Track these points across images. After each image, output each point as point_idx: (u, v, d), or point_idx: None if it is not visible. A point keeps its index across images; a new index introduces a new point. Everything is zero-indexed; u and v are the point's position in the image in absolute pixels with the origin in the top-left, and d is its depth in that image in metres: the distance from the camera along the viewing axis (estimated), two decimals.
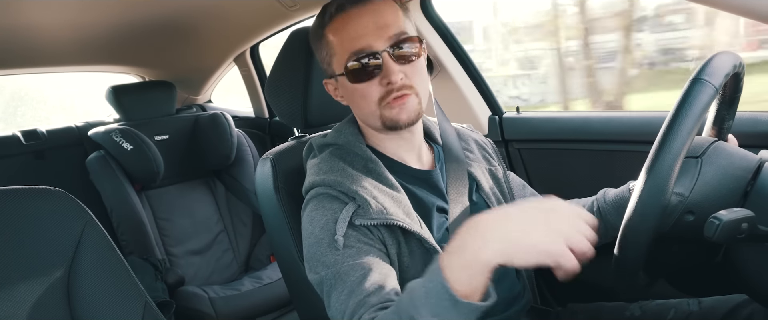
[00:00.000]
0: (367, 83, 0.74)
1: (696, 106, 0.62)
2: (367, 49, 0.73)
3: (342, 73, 0.76)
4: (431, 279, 0.54)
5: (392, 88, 0.74)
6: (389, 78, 0.73)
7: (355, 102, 0.79)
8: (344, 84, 0.78)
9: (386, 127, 0.78)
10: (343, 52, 0.75)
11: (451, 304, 0.52)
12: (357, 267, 0.68)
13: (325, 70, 0.82)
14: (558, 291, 1.29)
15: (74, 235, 0.79)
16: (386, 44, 0.73)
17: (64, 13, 1.34)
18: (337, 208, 0.74)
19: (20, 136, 1.98)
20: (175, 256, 1.92)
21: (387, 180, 0.78)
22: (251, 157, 2.08)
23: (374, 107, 0.76)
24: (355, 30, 0.73)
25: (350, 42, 0.74)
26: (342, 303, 0.67)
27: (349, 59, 0.74)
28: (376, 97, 0.75)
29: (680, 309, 0.88)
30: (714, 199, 0.67)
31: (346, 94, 0.80)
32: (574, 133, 1.30)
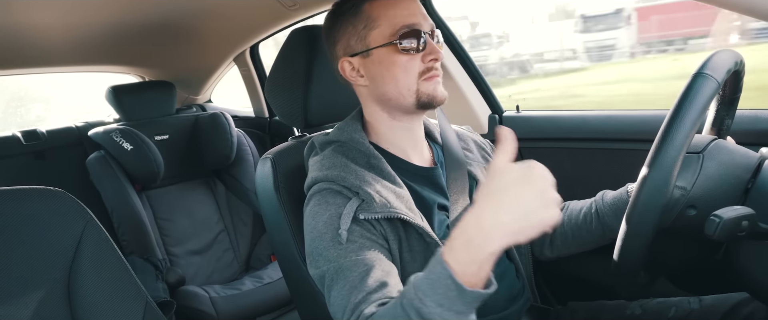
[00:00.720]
0: (411, 56, 0.78)
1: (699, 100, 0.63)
2: (417, 25, 0.78)
3: (385, 44, 0.78)
4: (435, 271, 0.56)
5: (433, 65, 0.79)
6: (435, 55, 0.79)
7: (393, 74, 0.79)
8: (381, 58, 0.79)
9: (420, 102, 0.80)
10: (393, 25, 0.78)
11: (458, 293, 0.54)
12: (359, 262, 0.69)
13: (351, 47, 0.81)
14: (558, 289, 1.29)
15: (75, 235, 0.79)
16: (428, 28, 0.80)
17: (64, 13, 1.34)
18: (340, 203, 0.74)
19: (20, 137, 1.98)
20: (176, 256, 1.92)
21: (389, 175, 0.79)
22: (251, 156, 2.08)
23: (414, 80, 0.79)
24: (407, 9, 0.79)
25: (402, 17, 0.78)
26: (343, 298, 0.67)
27: (400, 30, 0.77)
28: (418, 71, 0.79)
29: (681, 308, 0.88)
30: (716, 194, 0.67)
31: (377, 70, 0.80)
32: (574, 132, 1.30)
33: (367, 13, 0.79)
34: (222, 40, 1.90)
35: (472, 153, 0.94)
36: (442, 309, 0.54)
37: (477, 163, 0.92)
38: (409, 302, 0.57)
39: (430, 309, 0.55)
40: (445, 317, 0.55)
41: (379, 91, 0.82)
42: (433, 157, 0.90)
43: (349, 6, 0.81)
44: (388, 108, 0.83)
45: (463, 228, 0.54)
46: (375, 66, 0.80)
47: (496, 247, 0.53)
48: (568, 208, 0.98)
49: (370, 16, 0.79)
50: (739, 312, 0.82)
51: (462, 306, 0.54)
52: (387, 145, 0.85)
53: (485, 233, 0.53)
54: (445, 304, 0.54)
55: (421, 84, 0.79)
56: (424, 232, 0.75)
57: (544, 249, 0.99)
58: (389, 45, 0.78)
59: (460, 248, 0.54)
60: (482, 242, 0.53)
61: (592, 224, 0.91)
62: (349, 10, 0.80)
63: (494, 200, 0.53)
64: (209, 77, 2.26)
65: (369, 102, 0.85)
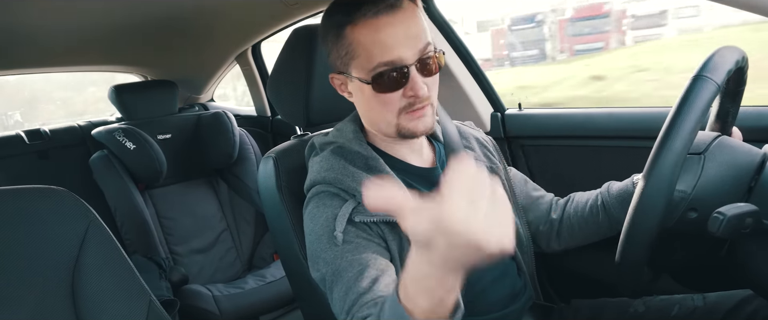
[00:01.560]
0: (391, 93, 0.73)
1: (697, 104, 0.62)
2: (398, 61, 0.71)
3: (365, 80, 0.73)
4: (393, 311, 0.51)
5: (415, 100, 0.74)
6: (416, 91, 0.72)
7: (373, 108, 0.77)
8: (362, 88, 0.75)
9: (400, 135, 0.78)
10: (371, 58, 0.71)
11: None
12: (355, 262, 0.69)
13: (336, 66, 0.78)
14: (561, 287, 1.29)
15: (78, 234, 0.79)
16: (415, 57, 0.72)
17: (66, 14, 1.34)
18: (337, 205, 0.74)
19: (24, 136, 1.99)
20: (179, 255, 1.93)
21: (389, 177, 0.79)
22: (254, 155, 2.08)
23: (393, 117, 0.75)
24: (387, 38, 0.70)
25: (381, 51, 0.71)
26: (340, 299, 0.67)
27: (378, 68, 0.71)
28: (398, 107, 0.74)
29: (685, 305, 0.88)
30: (717, 196, 0.67)
31: (360, 97, 0.78)
32: (576, 130, 1.30)
33: (349, 39, 0.73)
34: (224, 39, 1.90)
35: (473, 150, 0.94)
36: None
37: (479, 161, 0.92)
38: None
39: None
40: None
41: (363, 114, 0.81)
42: (435, 156, 0.90)
43: (333, 23, 0.75)
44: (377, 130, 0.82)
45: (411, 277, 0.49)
46: (356, 92, 0.78)
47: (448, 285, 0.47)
48: (573, 200, 0.98)
49: (351, 42, 0.73)
50: (743, 309, 0.81)
51: None
52: (384, 147, 0.85)
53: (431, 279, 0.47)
54: None
55: (402, 118, 0.75)
56: None
57: (550, 242, 0.99)
58: (364, 81, 0.73)
59: (414, 295, 0.49)
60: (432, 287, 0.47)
61: (599, 216, 0.91)
62: (333, 30, 0.75)
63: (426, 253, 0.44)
64: (211, 76, 2.26)
65: (365, 119, 0.84)
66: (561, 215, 0.97)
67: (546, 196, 1.01)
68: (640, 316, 0.91)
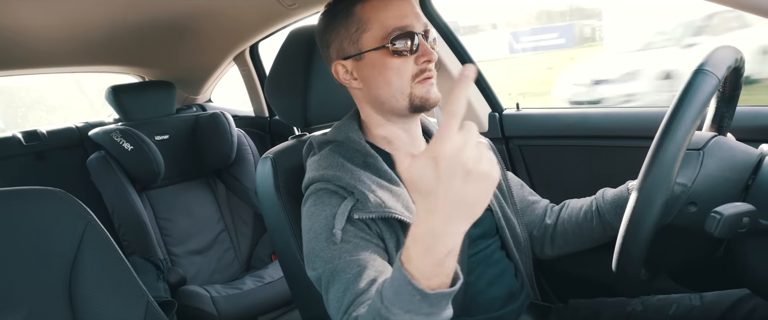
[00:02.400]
0: (404, 59, 0.77)
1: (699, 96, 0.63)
2: (409, 27, 0.77)
3: (377, 48, 0.77)
4: (396, 277, 0.55)
5: (426, 67, 0.78)
6: (428, 56, 0.77)
7: (385, 78, 0.78)
8: (374, 61, 0.78)
9: (413, 105, 0.79)
10: (384, 27, 0.76)
11: (421, 298, 0.53)
12: (353, 263, 0.68)
13: (344, 49, 0.80)
14: (559, 287, 1.29)
15: (76, 236, 0.79)
16: (421, 29, 0.78)
17: (62, 13, 1.34)
18: (335, 203, 0.74)
19: (20, 137, 1.98)
20: (177, 256, 1.93)
21: (386, 174, 0.79)
22: (252, 156, 2.07)
23: (407, 83, 0.78)
24: (399, 10, 0.77)
25: (394, 19, 0.76)
26: (337, 299, 0.67)
27: (393, 33, 0.76)
28: (411, 73, 0.78)
29: (682, 304, 0.88)
30: (716, 191, 0.67)
31: (370, 73, 0.79)
32: (574, 129, 1.30)
33: (359, 16, 0.78)
34: (221, 40, 1.90)
35: None
36: (409, 314, 0.54)
37: None
38: (376, 310, 0.57)
39: (397, 316, 0.54)
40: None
41: (373, 94, 0.81)
42: None
43: (340, 8, 0.79)
44: (382, 110, 0.83)
45: (417, 237, 0.52)
46: (368, 69, 0.79)
47: (450, 245, 0.51)
48: (567, 207, 0.98)
49: (362, 18, 0.77)
50: (741, 308, 0.82)
51: (429, 308, 0.54)
52: (383, 144, 0.85)
53: (434, 235, 0.50)
54: (411, 310, 0.54)
55: (415, 87, 0.78)
56: None
57: (544, 247, 0.99)
58: (381, 48, 0.76)
59: (416, 256, 0.52)
60: (434, 244, 0.51)
61: (593, 222, 0.91)
62: (341, 12, 0.79)
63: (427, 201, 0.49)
64: (209, 77, 2.26)
65: (363, 104, 0.85)
66: (555, 221, 0.98)
67: (541, 202, 1.01)
68: (637, 316, 0.91)
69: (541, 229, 0.99)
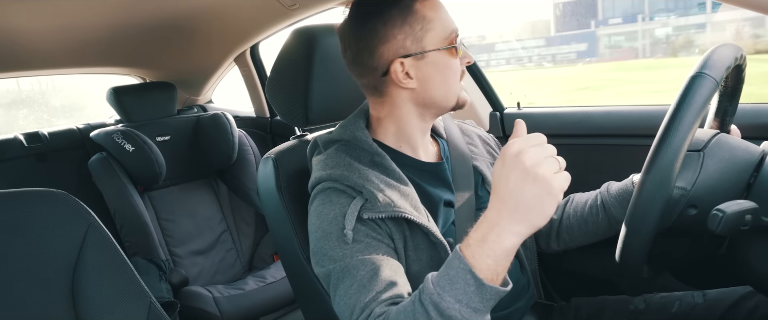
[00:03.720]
0: (457, 60, 0.80)
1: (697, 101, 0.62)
2: (458, 31, 0.80)
3: (446, 47, 0.78)
4: (453, 267, 0.58)
5: (465, 67, 0.82)
6: (469, 58, 0.81)
7: (445, 77, 0.79)
8: (437, 60, 0.78)
9: (457, 105, 0.82)
10: (445, 27, 0.78)
11: (477, 288, 0.56)
12: (367, 262, 0.68)
13: (406, 48, 0.76)
14: (561, 285, 1.29)
15: (78, 237, 0.79)
16: None
17: (63, 15, 1.34)
18: (344, 202, 0.73)
19: (22, 139, 1.98)
20: (179, 256, 1.93)
21: (394, 173, 0.78)
22: (253, 156, 2.08)
23: (457, 84, 0.81)
24: (447, 13, 0.80)
25: (450, 21, 0.79)
26: (350, 296, 0.67)
27: (452, 34, 0.78)
28: (459, 74, 0.81)
29: (685, 302, 0.88)
30: (717, 192, 0.67)
31: (429, 72, 0.77)
32: (576, 128, 1.30)
33: (421, 14, 0.76)
34: (222, 41, 1.90)
35: (476, 147, 0.94)
36: (460, 305, 0.56)
37: (482, 158, 0.92)
38: (427, 297, 0.58)
39: (448, 304, 0.56)
40: (463, 313, 0.56)
41: (428, 94, 0.79)
42: (439, 152, 0.90)
43: (399, 5, 0.76)
44: (426, 109, 0.81)
45: (479, 226, 0.58)
46: (429, 68, 0.77)
47: (510, 243, 0.56)
48: (572, 201, 0.98)
49: (425, 16, 0.76)
50: (743, 305, 0.82)
51: (479, 304, 0.56)
52: (394, 142, 0.84)
53: (498, 230, 0.56)
54: (463, 300, 0.56)
55: (459, 87, 0.81)
56: (429, 231, 0.74)
57: (550, 242, 0.99)
58: (447, 49, 0.78)
59: (476, 244, 0.57)
60: (497, 238, 0.56)
61: (598, 216, 0.91)
62: (400, 10, 0.76)
63: (494, 192, 0.57)
64: (210, 77, 2.26)
65: (406, 103, 0.80)
66: (560, 215, 0.97)
67: None
68: (640, 313, 0.91)
69: (546, 224, 0.98)
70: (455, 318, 0.56)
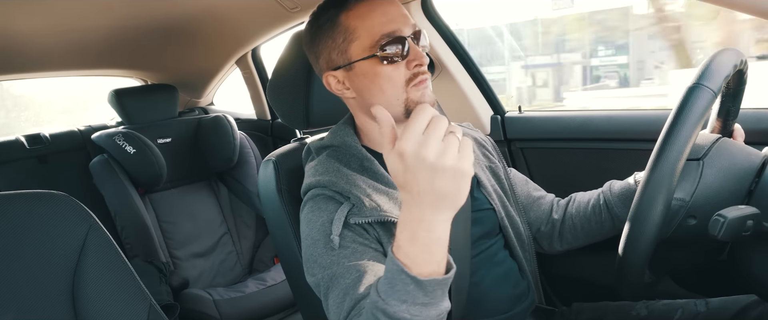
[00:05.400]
0: (395, 65, 0.75)
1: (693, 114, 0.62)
2: (397, 32, 0.74)
3: (366, 57, 0.75)
4: (390, 270, 0.56)
5: (418, 70, 0.76)
6: (419, 60, 0.75)
7: (379, 86, 0.76)
8: (365, 70, 0.75)
9: (408, 110, 0.77)
10: (372, 35, 0.74)
11: (416, 286, 0.54)
12: (352, 269, 0.68)
13: (333, 61, 0.78)
14: (562, 290, 1.28)
15: (78, 239, 0.79)
16: (410, 31, 0.76)
17: (66, 18, 1.35)
18: (332, 209, 0.74)
19: (23, 141, 1.98)
20: (179, 259, 1.93)
21: (383, 177, 0.78)
22: (254, 159, 2.08)
23: (401, 90, 0.76)
24: (385, 16, 0.75)
25: (381, 26, 0.74)
26: (337, 305, 0.67)
27: (381, 39, 0.74)
28: (403, 79, 0.76)
29: (687, 310, 0.87)
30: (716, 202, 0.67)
31: (362, 82, 0.77)
32: (576, 132, 1.30)
33: (345, 25, 0.75)
34: (224, 43, 1.90)
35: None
36: (406, 304, 0.55)
37: (477, 161, 0.92)
38: (374, 304, 0.57)
39: (394, 307, 0.55)
40: (412, 312, 0.55)
41: (367, 103, 0.78)
42: None
43: (325, 18, 0.77)
44: None
45: (404, 226, 0.55)
46: (359, 78, 0.77)
47: (442, 230, 0.54)
48: (574, 201, 0.98)
49: (348, 27, 0.75)
50: (747, 315, 0.81)
51: (425, 298, 0.55)
52: (380, 147, 0.84)
53: (426, 224, 0.53)
54: (407, 300, 0.55)
55: (410, 91, 0.76)
56: None
57: (553, 242, 0.99)
58: (371, 57, 0.74)
59: (407, 244, 0.55)
60: (426, 233, 0.54)
61: (601, 215, 0.91)
62: (326, 23, 0.77)
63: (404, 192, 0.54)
64: (211, 80, 2.26)
65: (358, 112, 0.83)
66: (563, 215, 0.97)
67: (547, 197, 1.01)
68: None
69: (548, 224, 0.98)
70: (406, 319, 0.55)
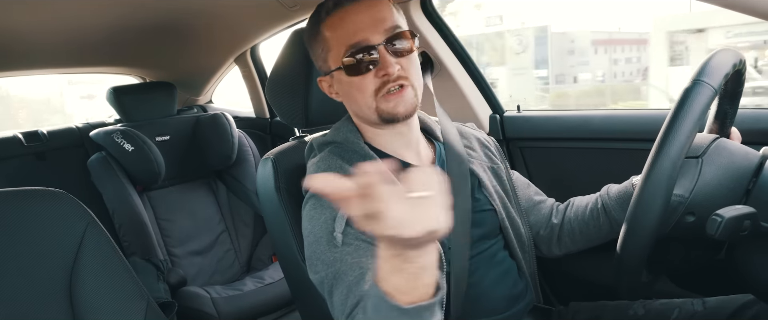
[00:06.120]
0: (363, 76, 0.76)
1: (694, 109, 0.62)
2: (363, 42, 0.75)
3: (338, 68, 0.77)
4: (374, 295, 0.53)
5: (388, 79, 0.75)
6: (386, 70, 0.74)
7: (352, 96, 0.79)
8: (340, 78, 0.79)
9: (383, 120, 0.79)
10: (340, 46, 0.76)
11: (399, 313, 0.51)
12: (355, 265, 0.68)
13: (321, 68, 0.83)
14: (560, 289, 1.29)
15: (76, 236, 0.79)
16: (382, 38, 0.75)
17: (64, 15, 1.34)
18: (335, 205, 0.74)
19: (21, 138, 1.98)
20: (177, 257, 1.92)
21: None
22: (252, 157, 2.08)
23: (370, 100, 0.77)
24: (353, 25, 0.75)
25: (347, 36, 0.75)
26: (342, 302, 0.67)
27: (346, 52, 0.75)
28: (372, 89, 0.76)
29: (684, 309, 0.88)
30: (715, 199, 0.67)
31: (341, 89, 0.81)
32: (575, 132, 1.30)
33: (323, 35, 0.79)
34: (223, 41, 1.90)
35: (474, 150, 0.94)
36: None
37: (479, 161, 0.92)
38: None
39: None
40: None
41: (352, 108, 0.84)
42: (435, 155, 0.90)
43: (311, 28, 0.81)
44: (365, 122, 0.84)
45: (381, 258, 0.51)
46: (339, 85, 0.81)
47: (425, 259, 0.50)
48: (573, 205, 0.98)
49: (325, 38, 0.79)
50: (744, 314, 0.81)
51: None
52: (380, 145, 0.85)
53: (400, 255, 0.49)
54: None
55: (379, 101, 0.76)
56: None
57: (551, 247, 0.99)
58: (338, 69, 0.77)
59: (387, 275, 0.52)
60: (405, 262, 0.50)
61: (600, 219, 0.91)
62: (312, 33, 0.81)
63: None
64: (210, 78, 2.26)
65: (351, 114, 0.87)
66: (561, 219, 0.97)
67: (547, 201, 1.01)
68: (639, 319, 0.91)
69: (547, 228, 0.98)
70: None
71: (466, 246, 0.81)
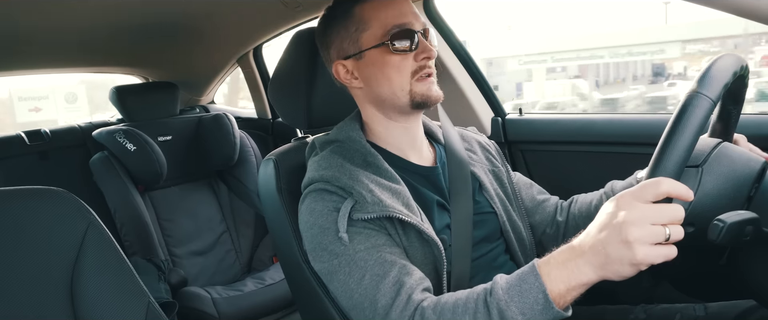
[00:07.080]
0: (404, 55, 0.78)
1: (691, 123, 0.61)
2: (408, 25, 0.78)
3: (377, 45, 0.78)
4: (527, 281, 0.59)
5: (426, 63, 0.79)
6: (428, 53, 0.78)
7: (386, 75, 0.79)
8: (374, 59, 0.79)
9: (414, 103, 0.80)
10: (383, 25, 0.78)
11: (543, 308, 0.57)
12: (372, 252, 0.70)
13: (344, 49, 0.82)
14: None
15: (77, 236, 0.79)
16: (420, 28, 0.80)
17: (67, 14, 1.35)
18: (337, 200, 0.75)
19: (24, 137, 1.99)
20: (178, 257, 1.93)
21: (386, 172, 0.79)
22: (254, 157, 2.08)
23: (407, 80, 0.79)
24: (398, 9, 0.79)
25: (393, 17, 0.78)
26: (366, 288, 0.68)
27: (393, 29, 0.77)
28: (410, 70, 0.79)
29: (686, 314, 0.87)
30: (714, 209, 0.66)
31: (370, 71, 0.81)
32: (577, 135, 1.30)
33: (359, 16, 0.79)
34: (226, 42, 1.90)
35: (475, 154, 0.94)
36: (523, 317, 0.58)
37: (480, 164, 0.92)
38: (495, 301, 0.60)
39: (513, 314, 0.58)
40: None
41: (374, 93, 0.82)
42: (436, 157, 0.90)
43: (340, 10, 0.81)
44: (383, 109, 0.83)
45: (565, 250, 0.59)
46: (368, 67, 0.80)
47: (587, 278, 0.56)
48: (577, 202, 0.98)
49: (362, 18, 0.79)
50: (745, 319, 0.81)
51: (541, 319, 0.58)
52: (384, 144, 0.85)
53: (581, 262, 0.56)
54: (527, 314, 0.58)
55: (415, 84, 0.79)
56: (421, 229, 0.75)
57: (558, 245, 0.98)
58: (381, 46, 0.78)
59: (555, 266, 0.58)
60: (576, 268, 0.57)
61: None
62: (340, 14, 0.81)
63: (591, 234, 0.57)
64: (213, 78, 2.27)
65: (365, 103, 0.86)
66: (566, 218, 0.97)
67: (551, 199, 1.01)
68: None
69: (553, 227, 0.98)
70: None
71: (468, 248, 0.81)
